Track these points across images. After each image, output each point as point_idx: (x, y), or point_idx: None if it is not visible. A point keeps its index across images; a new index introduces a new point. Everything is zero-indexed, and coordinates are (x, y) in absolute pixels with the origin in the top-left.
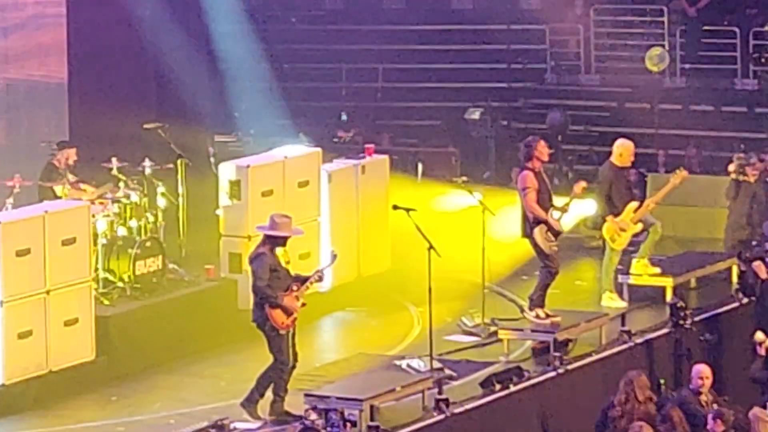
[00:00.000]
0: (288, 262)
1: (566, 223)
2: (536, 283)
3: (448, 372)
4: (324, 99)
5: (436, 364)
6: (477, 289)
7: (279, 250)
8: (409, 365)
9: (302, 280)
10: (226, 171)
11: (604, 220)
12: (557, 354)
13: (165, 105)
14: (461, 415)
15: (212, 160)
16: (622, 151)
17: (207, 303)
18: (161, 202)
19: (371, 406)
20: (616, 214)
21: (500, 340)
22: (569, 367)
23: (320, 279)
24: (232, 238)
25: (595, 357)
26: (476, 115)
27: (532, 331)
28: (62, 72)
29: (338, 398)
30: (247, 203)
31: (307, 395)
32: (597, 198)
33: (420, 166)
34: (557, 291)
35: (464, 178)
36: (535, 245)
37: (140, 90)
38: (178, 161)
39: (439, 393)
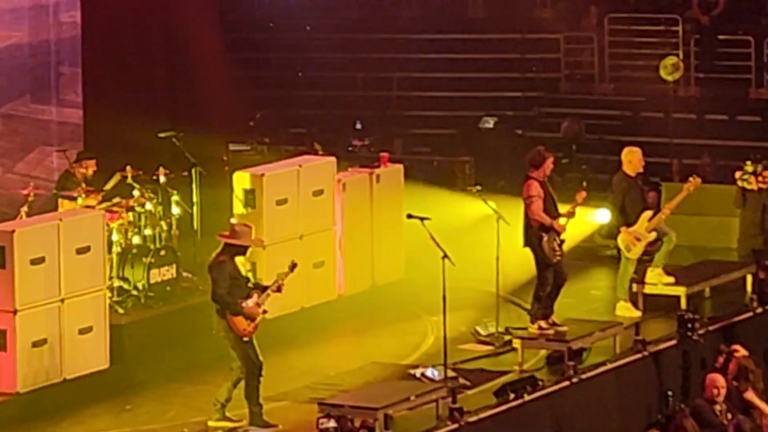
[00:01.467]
0: (249, 270)
1: (581, 232)
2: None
3: (462, 381)
4: (339, 107)
5: (450, 373)
6: (491, 298)
7: (239, 259)
8: (423, 374)
9: (262, 289)
10: (241, 179)
11: (619, 230)
12: (571, 363)
13: (179, 114)
14: (475, 425)
15: (226, 168)
16: (631, 159)
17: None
18: (175, 210)
19: (385, 415)
20: (631, 224)
21: (514, 349)
22: (583, 376)
23: (278, 290)
24: None
25: (609, 366)
26: (491, 124)
27: (547, 340)
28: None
29: (352, 407)
30: (261, 212)
31: (320, 404)
32: (611, 208)
33: (435, 175)
34: (571, 300)
35: (478, 187)
36: (537, 255)
37: (154, 99)
38: (193, 170)
39: (453, 402)
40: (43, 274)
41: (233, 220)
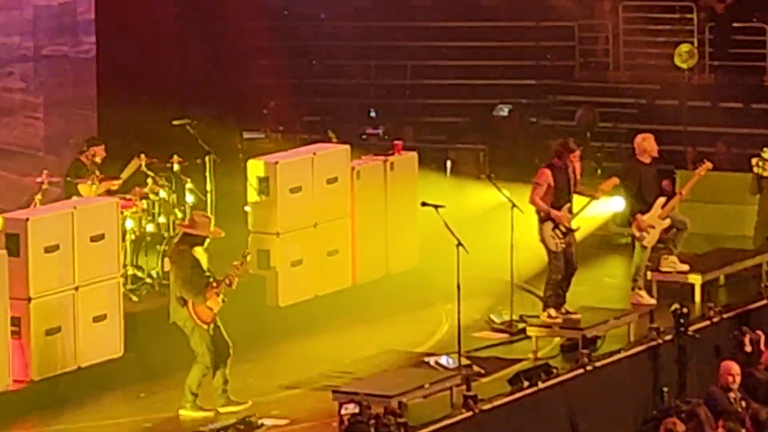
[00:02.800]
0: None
1: (595, 220)
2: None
3: (476, 369)
4: (353, 96)
5: (465, 361)
6: (506, 286)
7: (198, 249)
8: (437, 362)
9: (218, 280)
10: (255, 167)
11: (634, 218)
12: (586, 351)
13: (193, 101)
14: (489, 412)
15: (240, 156)
16: (645, 146)
17: (235, 299)
18: (189, 198)
19: (399, 403)
20: (645, 211)
21: (529, 337)
22: (597, 364)
23: (230, 284)
24: (260, 234)
25: (623, 354)
26: (505, 112)
27: (561, 328)
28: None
29: (367, 395)
30: (275, 200)
31: (335, 392)
32: (626, 196)
33: (449, 163)
34: (585, 288)
35: (493, 175)
36: (543, 242)
37: (168, 87)
38: (207, 157)
39: (468, 390)
40: (57, 262)
41: (196, 212)
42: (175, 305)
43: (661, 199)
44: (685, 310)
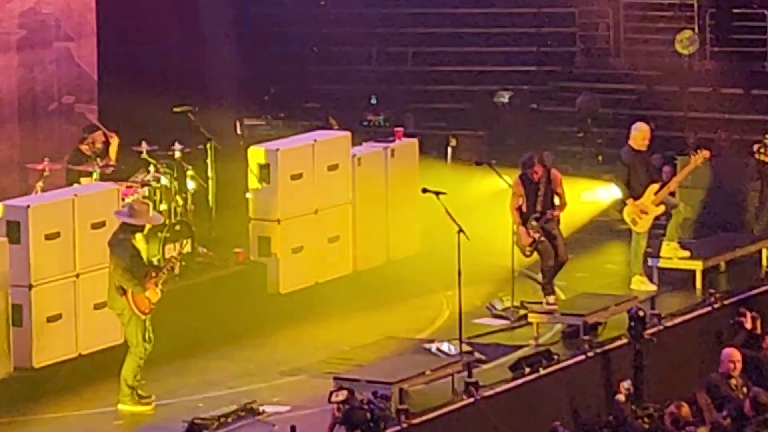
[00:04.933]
0: (159, 250)
1: (596, 207)
2: None
3: (477, 355)
4: (353, 82)
5: (466, 348)
6: (506, 273)
7: (138, 236)
8: (438, 349)
9: (158, 268)
10: (256, 154)
11: (625, 204)
12: (587, 337)
13: (194, 88)
14: (491, 399)
15: (241, 143)
16: (637, 134)
17: (236, 286)
18: (190, 185)
19: (400, 390)
20: (636, 197)
21: (530, 324)
22: (599, 350)
23: (172, 269)
24: (261, 221)
25: (624, 340)
26: (505, 99)
27: (562, 314)
28: (92, 57)
29: (367, 381)
30: (276, 187)
31: (336, 378)
32: (617, 181)
33: (450, 149)
34: (586, 274)
35: (493, 162)
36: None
37: (169, 73)
38: (208, 144)
39: (469, 376)
40: (58, 249)
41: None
42: (114, 294)
43: (654, 186)
44: (641, 313)
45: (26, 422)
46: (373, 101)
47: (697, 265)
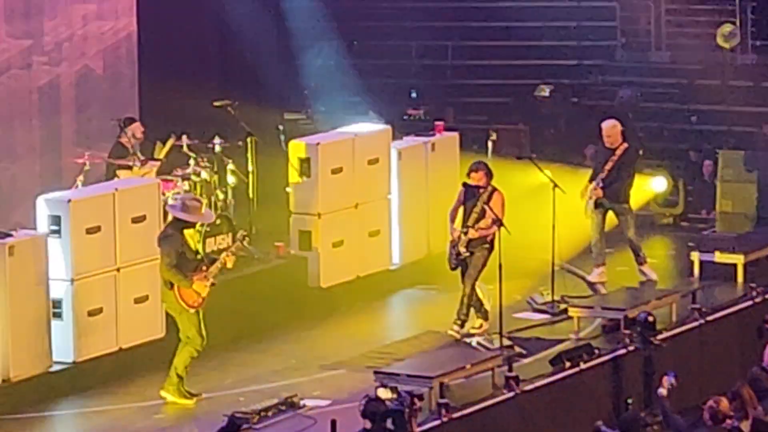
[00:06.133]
0: (199, 241)
1: (637, 200)
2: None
3: (517, 350)
4: (394, 76)
5: (506, 342)
6: (547, 267)
7: (188, 231)
8: (478, 343)
9: (211, 261)
10: (296, 148)
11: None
12: (627, 331)
13: (235, 82)
14: (531, 393)
15: (282, 137)
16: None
17: (277, 280)
18: (231, 179)
19: (441, 384)
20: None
21: (570, 318)
22: (639, 344)
23: (224, 264)
24: (301, 215)
25: (665, 334)
26: (546, 93)
27: (603, 308)
28: (133, 51)
29: (408, 376)
30: (316, 181)
31: (376, 372)
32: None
33: (490, 143)
34: (626, 268)
35: (534, 156)
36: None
37: (210, 68)
38: (248, 138)
39: (509, 371)
40: (99, 243)
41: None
42: (164, 288)
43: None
44: (650, 318)
45: (67, 416)
46: (414, 95)
47: (739, 259)
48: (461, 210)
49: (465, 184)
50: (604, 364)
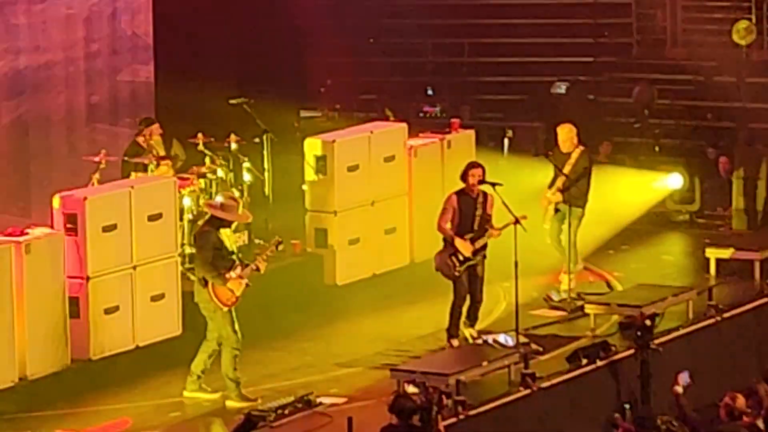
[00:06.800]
0: (235, 242)
1: (653, 198)
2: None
3: (534, 347)
4: (410, 74)
5: (523, 339)
6: (564, 264)
7: (225, 230)
8: (495, 340)
9: (245, 264)
10: (312, 146)
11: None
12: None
13: (250, 80)
14: (547, 390)
15: (297, 135)
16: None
17: (293, 278)
18: (247, 177)
19: (457, 381)
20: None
21: (587, 315)
22: (656, 341)
23: (257, 269)
24: (317, 213)
25: (681, 331)
26: (562, 90)
27: (619, 305)
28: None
29: (424, 373)
30: (332, 178)
31: (392, 370)
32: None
33: (506, 141)
34: (643, 265)
35: (550, 153)
36: (438, 269)
37: (225, 66)
38: (264, 136)
39: (526, 368)
40: (115, 241)
41: (231, 193)
42: (198, 286)
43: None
44: (648, 322)
45: (84, 414)
46: (430, 93)
47: (755, 256)
48: (453, 216)
49: (458, 193)
50: (621, 361)
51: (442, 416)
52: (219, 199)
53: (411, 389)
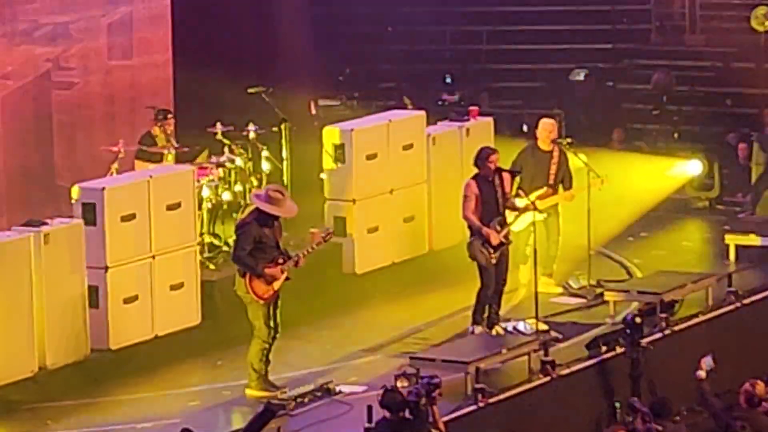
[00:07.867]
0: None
1: (673, 184)
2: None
3: (553, 334)
4: (428, 62)
5: (542, 327)
6: (583, 251)
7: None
8: (515, 328)
9: (287, 257)
10: (331, 135)
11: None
12: (663, 315)
13: (268, 69)
14: (567, 377)
15: (316, 123)
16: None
17: (312, 267)
18: (265, 166)
19: (477, 369)
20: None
21: (606, 302)
22: (675, 328)
23: (296, 263)
24: (336, 201)
25: (701, 318)
26: (581, 77)
27: (639, 292)
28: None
29: (443, 361)
30: (351, 167)
31: (412, 358)
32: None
33: (525, 128)
34: (662, 252)
35: (569, 140)
36: (472, 258)
37: (244, 54)
38: (282, 125)
39: (545, 355)
40: (134, 230)
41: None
42: (237, 275)
43: (538, 191)
44: (637, 320)
45: (103, 403)
46: (448, 80)
47: None
48: (476, 204)
49: (475, 179)
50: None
51: (435, 407)
52: (265, 190)
53: (401, 383)
